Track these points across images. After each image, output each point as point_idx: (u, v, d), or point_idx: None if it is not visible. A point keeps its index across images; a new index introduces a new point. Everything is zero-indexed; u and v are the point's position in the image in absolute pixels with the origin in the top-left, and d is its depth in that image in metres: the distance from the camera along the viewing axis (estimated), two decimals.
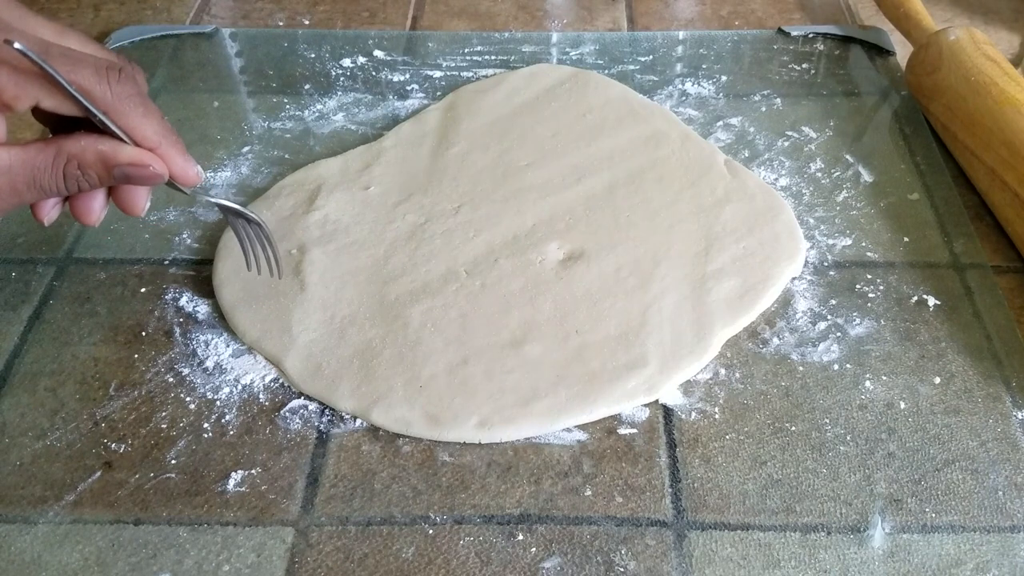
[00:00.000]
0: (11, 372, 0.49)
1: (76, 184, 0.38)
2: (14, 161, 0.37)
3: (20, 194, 0.38)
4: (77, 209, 0.42)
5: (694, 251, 0.54)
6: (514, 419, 0.45)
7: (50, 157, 0.37)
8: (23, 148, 0.37)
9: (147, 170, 0.39)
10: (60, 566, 0.40)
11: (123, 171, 0.39)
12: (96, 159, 0.38)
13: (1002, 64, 0.61)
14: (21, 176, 0.37)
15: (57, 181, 0.38)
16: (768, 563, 0.40)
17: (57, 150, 0.38)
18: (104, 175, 0.39)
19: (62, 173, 0.38)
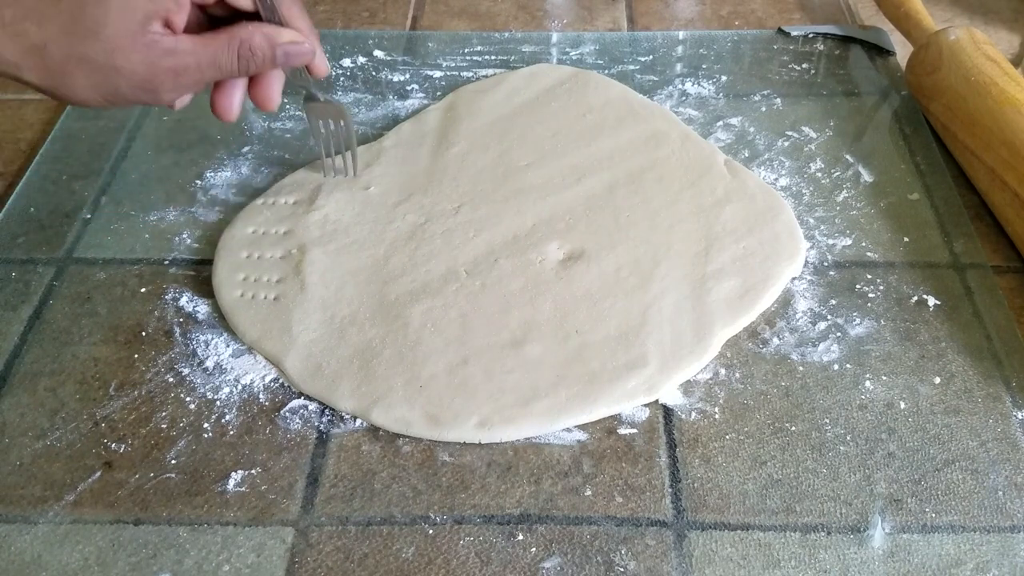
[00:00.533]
0: (11, 372, 0.49)
1: (247, 64, 0.46)
2: (197, 45, 0.44)
3: (203, 71, 0.45)
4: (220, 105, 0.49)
5: (694, 251, 0.54)
6: (514, 419, 0.45)
7: (225, 41, 0.45)
8: (202, 37, 0.45)
9: (302, 47, 0.47)
10: (60, 566, 0.40)
11: (284, 49, 0.47)
12: (263, 40, 0.46)
13: (1002, 64, 0.61)
14: (204, 57, 0.44)
15: (232, 60, 0.45)
16: (768, 563, 0.40)
17: (230, 35, 0.45)
18: (269, 54, 0.46)
19: (236, 53, 0.45)
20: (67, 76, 0.43)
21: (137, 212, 0.58)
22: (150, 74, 0.43)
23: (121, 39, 0.42)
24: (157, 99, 0.45)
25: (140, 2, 0.42)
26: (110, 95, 0.44)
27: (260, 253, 0.55)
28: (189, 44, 0.44)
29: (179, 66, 0.44)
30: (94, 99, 0.44)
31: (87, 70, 0.42)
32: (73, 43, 0.42)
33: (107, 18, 0.41)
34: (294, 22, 0.48)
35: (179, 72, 0.44)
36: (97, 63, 0.42)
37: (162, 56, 0.43)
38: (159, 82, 0.44)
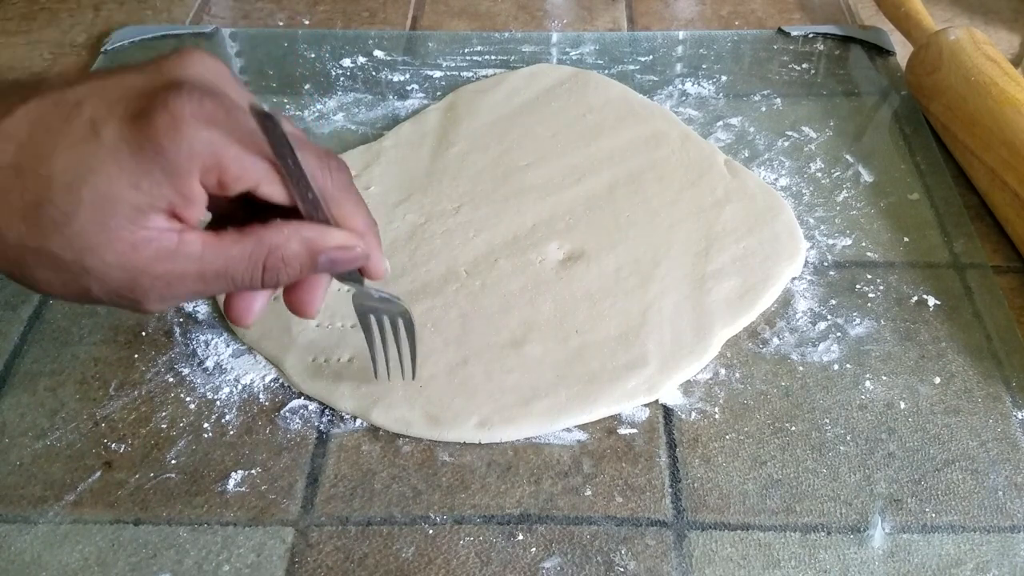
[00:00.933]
0: (11, 372, 0.49)
1: (275, 277, 0.36)
2: (207, 250, 0.34)
3: (207, 284, 0.35)
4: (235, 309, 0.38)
5: (694, 251, 0.54)
6: (514, 419, 0.45)
7: (248, 248, 0.34)
8: (217, 237, 0.34)
9: (354, 251, 0.37)
10: (60, 566, 0.40)
11: (329, 256, 0.36)
12: (302, 247, 0.35)
13: (1002, 64, 0.61)
14: (212, 266, 0.34)
15: (254, 273, 0.35)
16: (768, 563, 0.40)
17: (257, 241, 0.35)
18: (308, 264, 0.36)
19: (262, 265, 0.35)
20: (27, 268, 0.33)
21: None
22: (130, 280, 0.33)
23: (91, 238, 0.32)
24: (137, 308, 0.35)
25: (125, 194, 0.32)
26: (80, 296, 0.34)
27: None
28: (196, 247, 0.34)
29: (173, 274, 0.34)
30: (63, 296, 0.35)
31: (50, 265, 0.33)
32: (31, 234, 0.32)
33: (77, 211, 0.32)
34: (347, 218, 0.37)
35: (171, 282, 0.34)
36: (62, 260, 0.33)
37: (151, 261, 0.33)
38: (142, 291, 0.34)
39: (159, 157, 0.32)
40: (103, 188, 0.32)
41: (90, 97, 0.32)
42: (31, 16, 0.78)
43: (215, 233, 0.34)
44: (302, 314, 0.39)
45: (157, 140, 0.31)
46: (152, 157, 0.32)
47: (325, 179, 0.36)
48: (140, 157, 0.32)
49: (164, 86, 0.32)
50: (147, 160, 0.32)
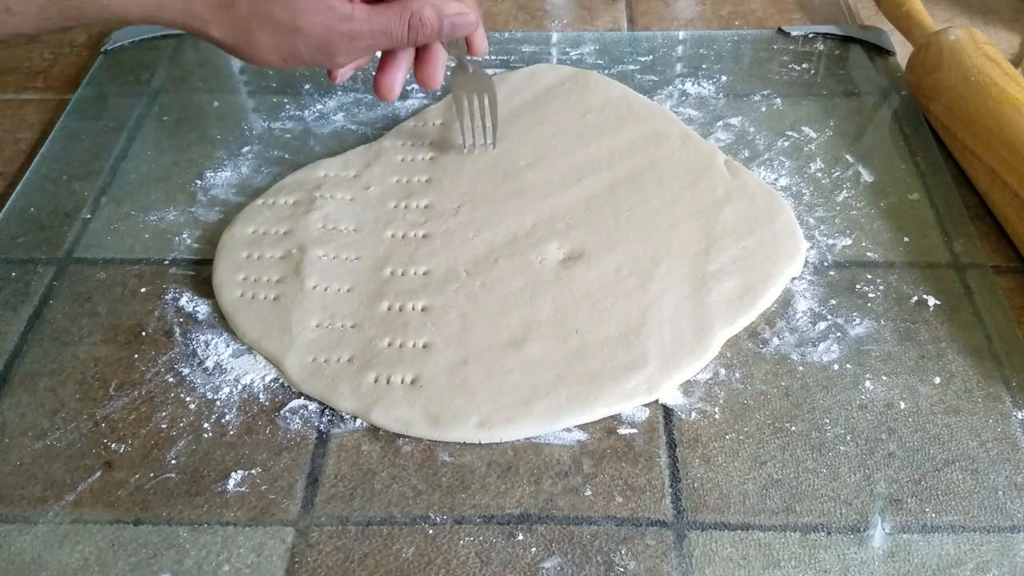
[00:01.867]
0: (11, 372, 0.49)
1: (416, 34, 0.49)
2: (372, 13, 0.47)
3: (375, 38, 0.48)
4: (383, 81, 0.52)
5: (694, 251, 0.54)
6: (514, 419, 0.45)
7: (398, 12, 0.48)
8: (376, 7, 0.47)
9: (467, 18, 0.50)
10: (60, 566, 0.40)
11: (451, 20, 0.49)
12: (432, 12, 0.48)
13: (1002, 64, 0.61)
14: (377, 25, 0.47)
15: (403, 30, 0.48)
16: (768, 563, 0.40)
17: (402, 6, 0.48)
18: (436, 26, 0.49)
19: (407, 24, 0.48)
20: (251, 33, 0.46)
21: (137, 212, 0.58)
22: (327, 36, 0.46)
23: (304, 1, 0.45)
24: (331, 61, 0.48)
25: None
26: (288, 55, 0.47)
27: (260, 253, 0.55)
28: (364, 12, 0.47)
29: (354, 31, 0.47)
30: (274, 58, 0.47)
31: (270, 28, 0.45)
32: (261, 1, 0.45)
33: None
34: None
35: (353, 37, 0.47)
36: (280, 22, 0.45)
37: (339, 21, 0.46)
38: (335, 45, 0.47)
39: None
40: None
41: None
42: None
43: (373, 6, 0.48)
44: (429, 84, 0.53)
45: None
46: None
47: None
48: None
49: None
50: None
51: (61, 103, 0.68)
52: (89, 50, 0.74)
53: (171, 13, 0.45)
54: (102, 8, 0.44)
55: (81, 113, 0.66)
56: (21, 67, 0.72)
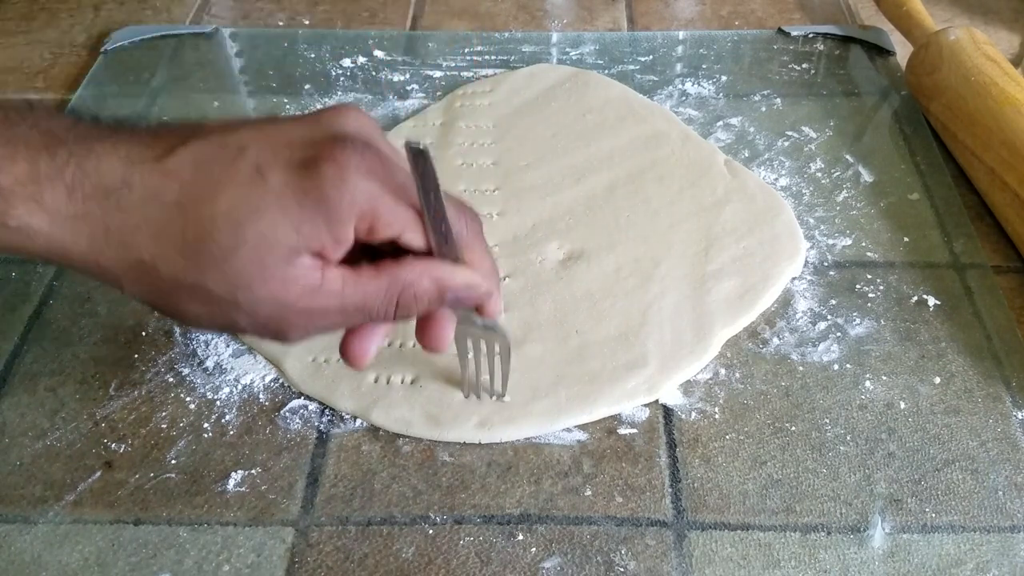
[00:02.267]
0: (11, 372, 0.49)
1: (406, 311, 0.38)
2: (347, 286, 0.36)
3: (347, 316, 0.37)
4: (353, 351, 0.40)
5: (694, 251, 0.54)
6: (514, 419, 0.45)
7: (383, 285, 0.37)
8: (356, 273, 0.36)
9: (479, 290, 0.39)
10: (60, 566, 0.40)
11: (456, 294, 0.38)
12: (432, 285, 0.37)
13: (1002, 64, 0.61)
14: (352, 301, 0.36)
15: (388, 307, 0.37)
16: (768, 563, 0.40)
17: (392, 278, 0.37)
18: (436, 300, 0.38)
19: (395, 300, 0.37)
20: (178, 302, 0.35)
21: None
22: (277, 314, 0.35)
23: (247, 275, 0.34)
24: (281, 339, 0.37)
25: (286, 235, 0.33)
26: (224, 327, 0.37)
27: None
28: (338, 283, 0.36)
29: (316, 308, 0.35)
30: (206, 327, 0.39)
31: (201, 299, 0.35)
32: (188, 269, 0.34)
33: (238, 248, 0.33)
34: (475, 261, 0.39)
35: (314, 314, 0.36)
36: (215, 295, 0.34)
37: (298, 296, 0.35)
38: (287, 324, 0.36)
39: (322, 205, 0.33)
40: (266, 229, 0.33)
41: (254, 143, 0.34)
42: (31, 16, 0.78)
43: (352, 269, 0.36)
44: (435, 350, 0.41)
45: (323, 189, 0.33)
46: (316, 204, 0.33)
47: (461, 222, 0.38)
48: (304, 203, 0.33)
49: (330, 138, 0.34)
50: (311, 206, 0.33)
51: (61, 103, 0.68)
52: (89, 50, 0.74)
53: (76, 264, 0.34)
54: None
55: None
56: (21, 67, 0.72)
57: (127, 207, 0.33)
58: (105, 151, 0.33)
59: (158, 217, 0.33)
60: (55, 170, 0.32)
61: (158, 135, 0.35)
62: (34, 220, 0.33)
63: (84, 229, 0.33)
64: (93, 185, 0.33)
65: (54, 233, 0.33)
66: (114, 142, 0.34)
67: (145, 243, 0.34)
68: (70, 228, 0.33)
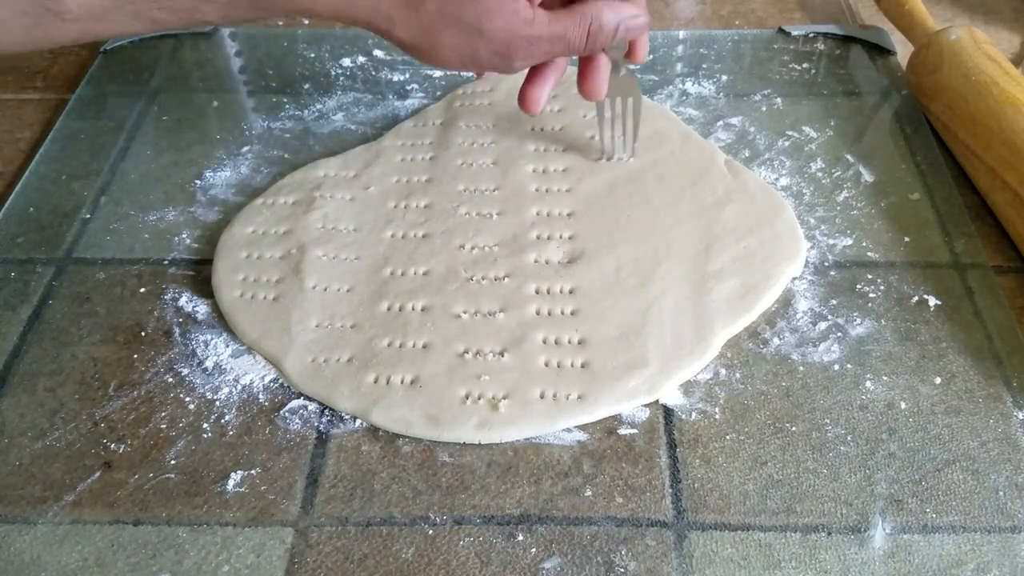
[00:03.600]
0: (11, 372, 0.49)
1: (595, 41, 0.48)
2: (551, 20, 0.47)
3: (553, 44, 0.48)
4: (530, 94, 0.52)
5: (694, 251, 0.54)
6: (514, 419, 0.45)
7: (576, 19, 0.47)
8: (555, 13, 0.47)
9: (639, 19, 0.49)
10: (60, 566, 0.40)
11: (625, 24, 0.49)
12: (611, 16, 0.48)
13: (1003, 64, 0.60)
14: (556, 30, 0.47)
15: (582, 37, 0.48)
16: (769, 563, 0.40)
17: (581, 12, 0.47)
18: (612, 30, 0.48)
19: (586, 30, 0.48)
20: (435, 34, 0.46)
21: (136, 212, 0.58)
22: (509, 40, 0.46)
23: (492, 2, 0.45)
24: (508, 66, 0.48)
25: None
26: (468, 57, 0.47)
27: (260, 253, 0.54)
28: (544, 17, 0.47)
29: (533, 36, 0.46)
30: (454, 60, 0.47)
31: (454, 30, 0.46)
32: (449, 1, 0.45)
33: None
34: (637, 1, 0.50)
35: (532, 42, 0.47)
36: (465, 23, 0.45)
37: (521, 25, 0.46)
38: (514, 49, 0.47)
39: None
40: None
41: None
42: None
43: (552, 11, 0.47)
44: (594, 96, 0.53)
45: None
46: None
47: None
48: None
49: None
50: None
51: (61, 103, 0.68)
52: (89, 50, 0.74)
53: (359, 11, 0.45)
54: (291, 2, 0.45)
55: (81, 113, 0.66)
56: (21, 67, 0.72)
57: None
58: None
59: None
60: None
61: None
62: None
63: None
64: None
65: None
66: None
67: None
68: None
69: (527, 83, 0.52)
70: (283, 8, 0.46)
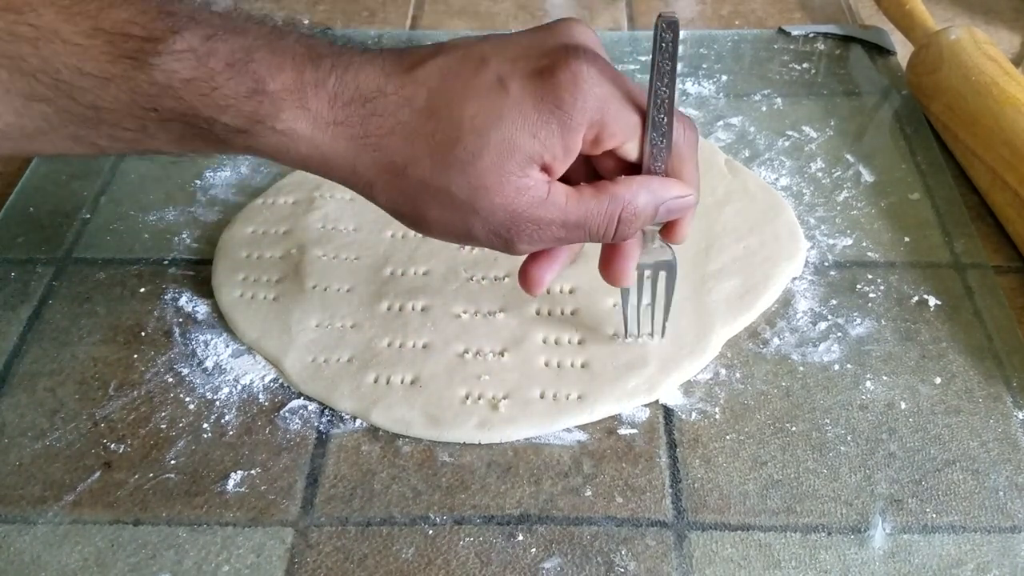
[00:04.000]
0: (11, 372, 0.49)
1: (625, 229, 0.39)
2: (570, 202, 0.38)
3: (568, 231, 0.39)
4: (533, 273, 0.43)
5: (694, 251, 0.54)
6: (514, 419, 0.45)
7: (604, 203, 0.38)
8: (576, 191, 0.38)
9: (688, 200, 0.41)
10: (60, 566, 0.40)
11: (667, 205, 0.40)
12: (649, 198, 0.39)
13: (1003, 64, 0.60)
14: (573, 216, 0.38)
15: (608, 225, 0.39)
16: (769, 564, 0.40)
17: (612, 196, 0.39)
18: (649, 216, 0.40)
19: (616, 219, 0.39)
20: (421, 206, 0.38)
21: (136, 212, 0.58)
22: (510, 221, 0.38)
23: (488, 177, 0.37)
24: (511, 249, 0.40)
25: (524, 141, 0.36)
26: (462, 235, 0.39)
27: (260, 253, 0.54)
28: (562, 197, 0.38)
29: (543, 219, 0.38)
30: (444, 236, 0.40)
31: (442, 204, 0.38)
32: (436, 171, 0.37)
33: (482, 152, 0.36)
34: (685, 172, 0.41)
35: (541, 226, 0.38)
36: (455, 199, 0.37)
37: (528, 205, 0.37)
38: (517, 232, 0.38)
39: (558, 111, 0.36)
40: (508, 134, 0.36)
41: (494, 55, 0.37)
42: None
43: (575, 187, 0.39)
44: (619, 283, 0.44)
45: (559, 95, 0.36)
46: (552, 111, 0.36)
47: (679, 129, 0.39)
48: (541, 110, 0.36)
49: (562, 47, 0.37)
50: (547, 113, 0.36)
51: None
52: None
53: (332, 169, 0.38)
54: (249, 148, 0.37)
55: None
56: None
57: (382, 112, 0.36)
58: (363, 63, 0.37)
59: (409, 121, 0.37)
60: (319, 79, 0.36)
61: (406, 52, 0.38)
62: (299, 125, 0.36)
63: (343, 133, 0.36)
64: (352, 93, 0.36)
65: (315, 137, 0.36)
66: (369, 57, 0.37)
67: (398, 146, 0.37)
68: (331, 133, 0.36)
69: (530, 260, 0.43)
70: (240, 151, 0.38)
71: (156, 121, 0.36)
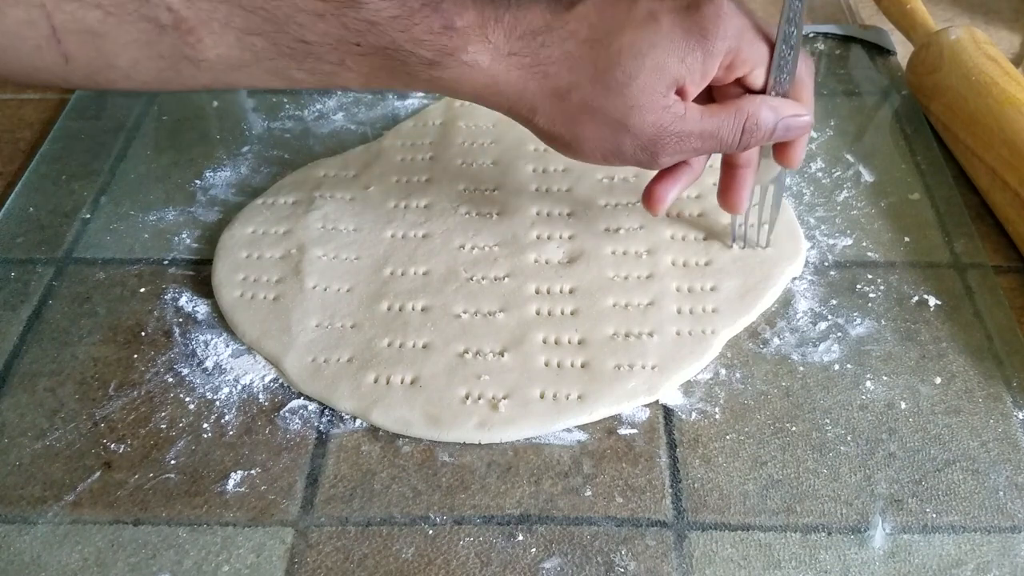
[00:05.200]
0: (10, 372, 0.49)
1: (749, 138, 0.44)
2: (703, 117, 0.43)
3: (703, 142, 0.44)
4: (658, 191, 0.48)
5: (694, 250, 0.54)
6: (514, 419, 0.45)
7: (731, 113, 0.44)
8: (708, 107, 0.44)
9: (804, 119, 0.46)
10: (60, 566, 0.40)
11: (786, 122, 0.45)
12: (771, 113, 0.44)
13: (1003, 64, 0.60)
14: (708, 127, 0.43)
15: (735, 135, 0.44)
16: (769, 564, 0.40)
17: (737, 109, 0.44)
18: (769, 130, 0.45)
19: (742, 127, 0.44)
20: (578, 126, 0.43)
21: (136, 212, 0.58)
22: (656, 137, 0.43)
23: (641, 98, 0.42)
24: (654, 161, 0.44)
25: (673, 65, 0.42)
26: (611, 151, 0.44)
27: (260, 253, 0.54)
28: (696, 112, 0.43)
29: (683, 132, 0.43)
30: (595, 154, 0.44)
31: (598, 123, 0.43)
32: (596, 93, 0.42)
33: (638, 75, 0.41)
34: (802, 97, 0.46)
35: (682, 138, 0.43)
36: (610, 118, 0.42)
37: (671, 121, 0.43)
38: (662, 145, 0.43)
39: (703, 40, 0.42)
40: (660, 60, 0.41)
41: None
42: None
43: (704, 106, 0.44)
44: (734, 209, 0.50)
45: (704, 26, 0.42)
46: (698, 40, 0.42)
47: (802, 63, 0.45)
48: (689, 39, 0.42)
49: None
50: (694, 41, 0.42)
51: (61, 103, 0.68)
52: None
53: (503, 97, 0.43)
54: (432, 80, 0.42)
55: (81, 113, 0.66)
56: None
57: (550, 43, 0.42)
58: (530, 3, 0.42)
59: (574, 51, 0.42)
60: (497, 16, 0.41)
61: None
62: (481, 56, 0.41)
63: (517, 63, 0.42)
64: (524, 28, 0.42)
65: (493, 67, 0.42)
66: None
67: (563, 73, 0.42)
68: (506, 63, 0.42)
69: (656, 180, 0.48)
70: (422, 85, 0.43)
71: (356, 55, 0.41)
